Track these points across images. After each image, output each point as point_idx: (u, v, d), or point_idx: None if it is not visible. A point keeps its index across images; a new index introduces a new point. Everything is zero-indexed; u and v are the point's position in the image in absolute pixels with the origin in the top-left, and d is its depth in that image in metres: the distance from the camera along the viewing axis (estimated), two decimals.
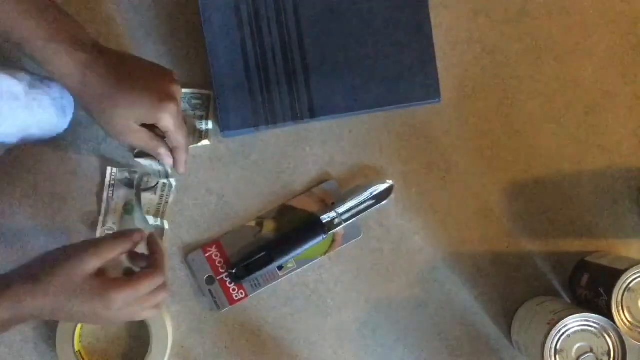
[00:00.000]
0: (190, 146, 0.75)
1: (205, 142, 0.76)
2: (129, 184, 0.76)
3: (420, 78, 0.74)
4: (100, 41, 0.65)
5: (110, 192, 0.76)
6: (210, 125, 0.76)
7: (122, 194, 0.76)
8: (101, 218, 0.76)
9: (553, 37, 0.78)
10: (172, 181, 0.76)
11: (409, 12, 0.74)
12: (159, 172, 0.75)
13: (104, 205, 0.76)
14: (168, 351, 0.74)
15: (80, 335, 0.74)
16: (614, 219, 0.77)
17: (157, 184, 0.76)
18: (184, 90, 0.76)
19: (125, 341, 0.76)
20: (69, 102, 0.73)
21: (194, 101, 0.76)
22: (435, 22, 0.75)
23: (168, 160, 0.70)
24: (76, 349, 0.73)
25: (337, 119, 0.76)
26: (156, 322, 0.73)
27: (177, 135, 0.68)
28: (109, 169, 0.76)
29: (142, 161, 0.74)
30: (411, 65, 0.74)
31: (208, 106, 0.76)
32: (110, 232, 0.76)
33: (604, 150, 0.78)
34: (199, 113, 0.76)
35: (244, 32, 0.74)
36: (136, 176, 0.76)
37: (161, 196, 0.76)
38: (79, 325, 0.73)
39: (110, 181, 0.76)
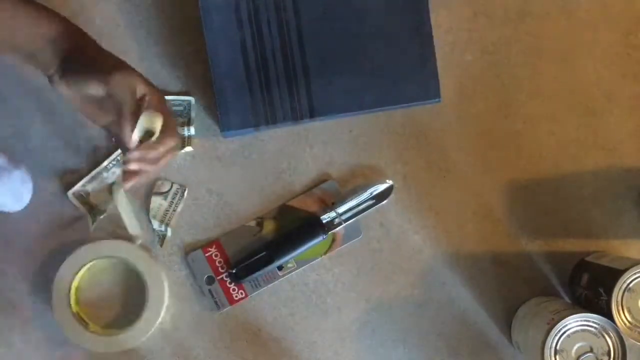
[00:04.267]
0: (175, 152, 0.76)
1: (188, 148, 0.76)
2: None
3: (420, 78, 0.74)
4: (101, 41, 0.64)
5: (111, 164, 0.76)
6: (192, 131, 0.76)
7: (117, 172, 0.76)
8: (85, 179, 0.75)
9: (553, 37, 0.78)
10: (185, 190, 0.76)
11: (409, 12, 0.74)
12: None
13: (96, 170, 0.76)
14: (163, 310, 0.74)
15: (77, 295, 0.75)
16: (614, 219, 0.77)
17: (170, 189, 0.76)
18: (165, 97, 0.76)
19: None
20: (27, 189, 0.74)
21: (175, 108, 0.76)
22: (435, 22, 0.75)
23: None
24: (74, 310, 0.74)
25: (337, 119, 0.76)
26: (153, 282, 0.74)
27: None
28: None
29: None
30: (411, 65, 0.74)
31: (189, 112, 0.76)
32: (82, 194, 0.76)
33: (604, 150, 0.78)
34: (180, 120, 0.76)
35: (244, 32, 0.74)
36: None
37: (171, 203, 0.76)
38: (74, 286, 0.74)
39: (117, 156, 0.76)
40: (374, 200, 0.76)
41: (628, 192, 0.78)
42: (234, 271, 0.75)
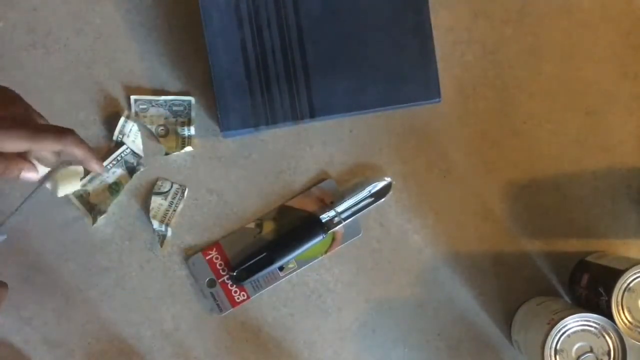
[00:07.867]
0: (175, 153, 0.76)
1: (188, 148, 0.76)
2: (129, 168, 0.76)
3: (420, 78, 0.74)
4: (100, 41, 0.64)
5: (111, 164, 0.76)
6: (192, 131, 0.76)
7: (117, 172, 0.76)
8: (85, 179, 0.75)
9: (553, 37, 0.78)
10: (186, 190, 0.76)
11: (409, 12, 0.74)
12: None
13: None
14: None
15: None
16: (614, 219, 0.78)
17: (170, 189, 0.76)
18: (164, 97, 0.76)
19: None
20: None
21: (174, 108, 0.76)
22: (435, 22, 0.74)
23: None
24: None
25: (337, 119, 0.76)
26: None
27: None
28: (123, 146, 0.76)
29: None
30: (411, 65, 0.74)
31: (189, 112, 0.76)
32: (83, 195, 0.76)
33: (604, 150, 0.78)
34: (180, 119, 0.76)
35: (244, 32, 0.73)
36: (139, 166, 0.76)
37: (171, 203, 0.76)
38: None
39: (117, 156, 0.76)
40: (373, 198, 0.76)
41: (628, 192, 0.78)
42: (234, 273, 0.75)
